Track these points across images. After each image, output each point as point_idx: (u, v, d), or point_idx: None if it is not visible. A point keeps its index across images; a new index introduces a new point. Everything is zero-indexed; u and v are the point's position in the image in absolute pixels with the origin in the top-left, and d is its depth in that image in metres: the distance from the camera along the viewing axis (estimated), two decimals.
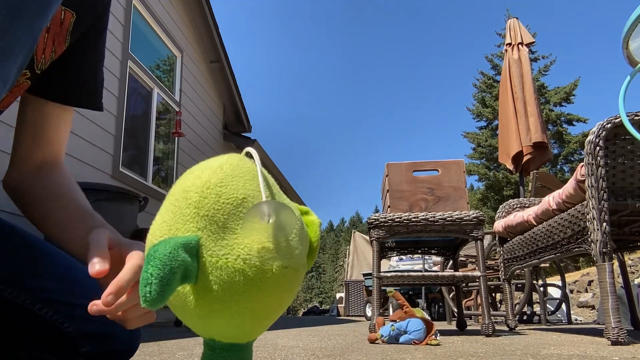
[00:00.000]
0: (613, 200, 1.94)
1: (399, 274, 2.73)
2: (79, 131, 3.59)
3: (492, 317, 2.58)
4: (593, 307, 7.42)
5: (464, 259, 5.73)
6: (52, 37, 0.72)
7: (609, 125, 1.93)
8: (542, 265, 4.43)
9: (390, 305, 7.03)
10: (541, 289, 4.44)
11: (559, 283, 4.82)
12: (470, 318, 5.20)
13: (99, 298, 0.54)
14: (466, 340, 2.20)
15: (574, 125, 26.37)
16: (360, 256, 12.64)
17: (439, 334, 1.97)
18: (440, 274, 2.78)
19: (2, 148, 2.75)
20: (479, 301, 5.19)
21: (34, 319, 0.69)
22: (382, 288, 2.65)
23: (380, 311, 2.56)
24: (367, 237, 7.74)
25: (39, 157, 0.78)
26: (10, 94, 0.69)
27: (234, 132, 7.59)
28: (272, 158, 9.32)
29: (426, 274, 2.71)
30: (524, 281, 4.44)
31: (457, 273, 2.72)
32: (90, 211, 0.74)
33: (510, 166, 4.99)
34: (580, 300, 7.95)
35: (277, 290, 0.46)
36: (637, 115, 1.89)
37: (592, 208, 1.91)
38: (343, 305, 11.29)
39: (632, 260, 9.27)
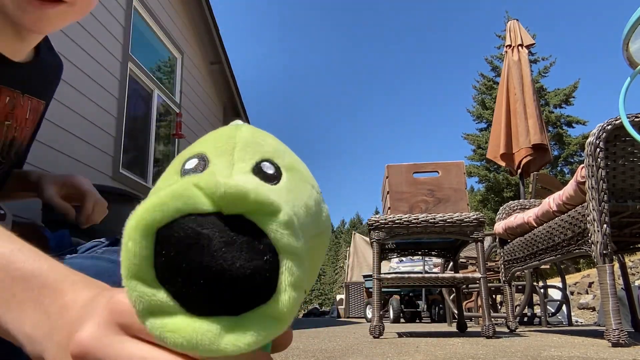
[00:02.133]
0: (613, 201, 1.93)
1: (399, 275, 2.73)
2: (79, 133, 3.59)
3: (492, 319, 2.57)
4: (594, 309, 7.41)
5: (464, 260, 5.73)
6: (27, 124, 0.86)
7: (609, 127, 1.93)
8: (543, 266, 4.42)
9: (391, 306, 7.02)
10: (542, 290, 4.44)
11: (560, 285, 4.82)
12: (471, 320, 5.19)
13: None
14: (466, 342, 2.19)
15: (573, 127, 26.38)
16: (360, 258, 12.63)
17: None
18: (440, 275, 2.78)
19: None
20: (479, 303, 5.18)
21: None
22: (383, 290, 2.65)
23: (381, 313, 2.56)
24: (367, 239, 7.75)
25: None
26: None
27: None
28: None
29: (426, 275, 2.71)
30: (524, 283, 4.43)
31: (457, 275, 2.71)
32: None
33: (501, 163, 5.01)
34: (581, 301, 7.94)
35: None
36: (638, 117, 1.89)
37: (593, 210, 1.91)
38: (343, 306, 11.28)
39: (632, 262, 9.26)
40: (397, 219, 2.54)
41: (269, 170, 0.30)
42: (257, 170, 0.29)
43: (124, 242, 0.25)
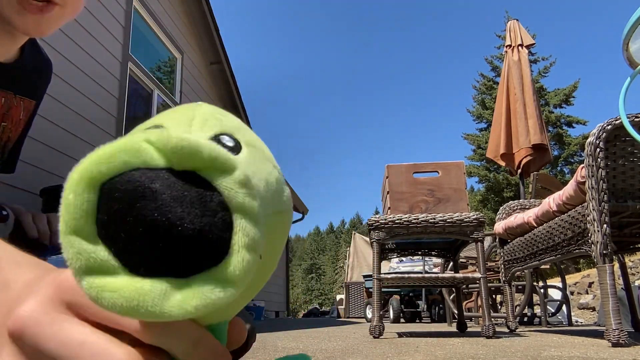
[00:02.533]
0: (613, 201, 1.93)
1: (400, 275, 2.73)
2: (79, 132, 3.59)
3: (492, 319, 2.57)
4: (594, 309, 7.41)
5: (464, 260, 5.73)
6: (20, 124, 0.88)
7: (609, 127, 1.93)
8: (543, 266, 4.42)
9: (391, 306, 7.02)
10: (542, 290, 4.44)
11: (560, 285, 4.82)
12: (471, 320, 5.19)
13: None
14: (466, 342, 2.19)
15: (573, 127, 26.39)
16: (360, 258, 12.64)
17: None
18: (440, 275, 2.78)
19: None
20: (479, 303, 5.18)
21: None
22: (383, 290, 2.65)
23: (381, 313, 2.56)
24: (367, 239, 7.77)
25: None
26: None
27: None
28: None
29: (426, 275, 2.71)
30: (524, 283, 4.43)
31: (457, 275, 2.71)
32: None
33: (501, 163, 5.02)
34: (581, 301, 7.94)
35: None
36: (638, 117, 1.89)
37: (593, 210, 1.91)
38: (343, 306, 11.28)
39: (632, 262, 9.26)
40: (397, 219, 2.54)
41: (228, 142, 0.27)
42: (215, 142, 0.26)
43: (65, 195, 0.23)
